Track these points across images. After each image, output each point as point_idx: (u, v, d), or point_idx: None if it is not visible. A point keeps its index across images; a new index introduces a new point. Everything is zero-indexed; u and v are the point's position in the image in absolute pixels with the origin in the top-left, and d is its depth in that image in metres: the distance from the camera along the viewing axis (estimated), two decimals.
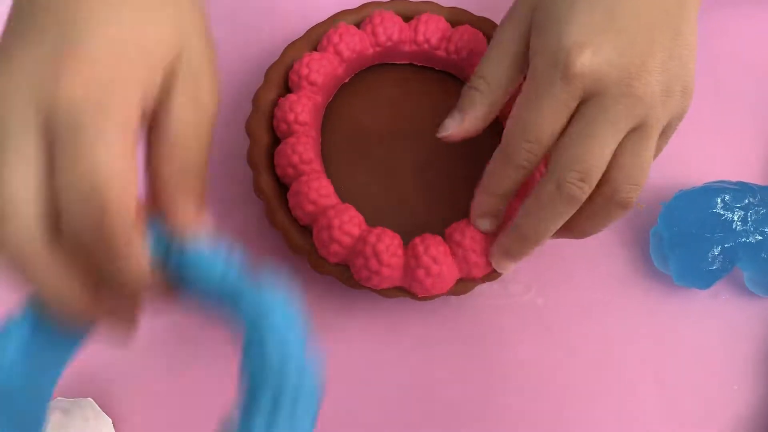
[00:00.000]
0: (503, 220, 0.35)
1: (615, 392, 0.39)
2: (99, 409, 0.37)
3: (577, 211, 0.31)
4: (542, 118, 0.29)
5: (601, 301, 0.40)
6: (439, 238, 0.35)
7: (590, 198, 0.30)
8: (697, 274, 0.38)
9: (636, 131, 0.30)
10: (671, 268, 0.39)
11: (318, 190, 0.35)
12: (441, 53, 0.40)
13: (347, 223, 0.34)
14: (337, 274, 0.36)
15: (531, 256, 0.40)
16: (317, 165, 0.37)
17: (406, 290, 0.36)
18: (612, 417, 0.38)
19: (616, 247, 0.41)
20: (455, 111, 0.34)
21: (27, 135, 0.21)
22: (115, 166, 0.21)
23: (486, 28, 0.40)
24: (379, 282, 0.35)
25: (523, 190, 0.34)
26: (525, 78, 0.32)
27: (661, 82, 0.29)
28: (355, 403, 0.38)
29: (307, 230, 0.37)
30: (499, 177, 0.32)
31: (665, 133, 0.31)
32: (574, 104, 0.29)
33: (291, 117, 0.37)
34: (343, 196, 0.37)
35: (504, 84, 0.33)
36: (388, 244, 0.34)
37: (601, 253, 0.41)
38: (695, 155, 0.42)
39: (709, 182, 0.40)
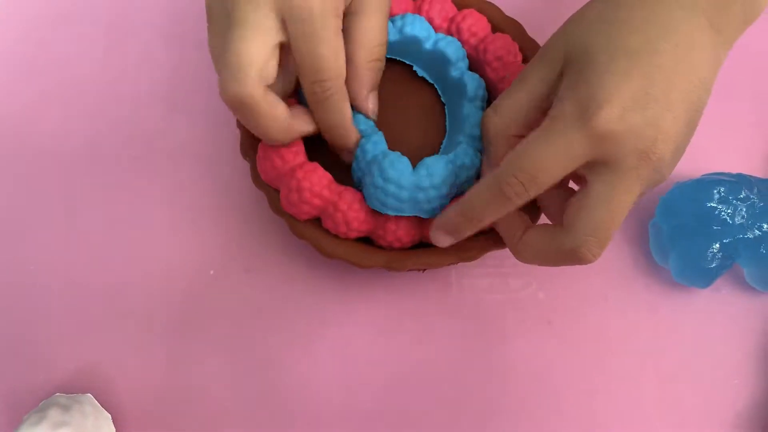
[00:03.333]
0: None
1: (615, 386, 0.39)
2: (98, 404, 0.37)
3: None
4: (547, 158, 0.29)
5: (602, 296, 0.40)
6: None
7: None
8: (696, 272, 0.38)
9: None
10: (671, 266, 0.39)
11: (286, 146, 0.35)
12: (443, 33, 0.40)
13: (317, 185, 0.34)
14: (313, 241, 0.36)
15: None
16: None
17: (381, 260, 0.36)
18: (612, 411, 0.38)
19: (616, 242, 0.41)
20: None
21: (266, 17, 0.30)
22: (334, 50, 0.31)
23: (491, 13, 0.40)
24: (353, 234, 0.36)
25: None
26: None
27: (673, 154, 0.29)
28: (355, 396, 0.38)
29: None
30: (479, 200, 0.32)
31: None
32: (582, 160, 0.29)
33: None
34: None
35: (515, 119, 0.32)
36: (357, 209, 0.34)
37: None
38: (694, 147, 0.42)
39: (706, 174, 0.39)
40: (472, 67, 0.40)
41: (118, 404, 0.38)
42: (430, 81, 0.40)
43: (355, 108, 0.36)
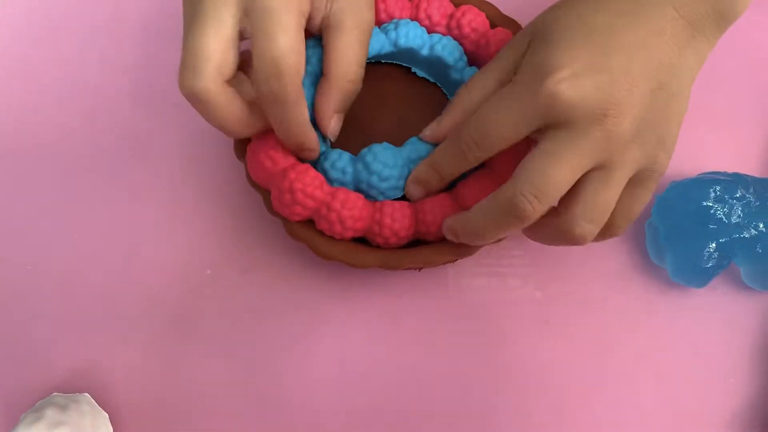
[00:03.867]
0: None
1: (612, 385, 0.39)
2: (96, 404, 0.37)
3: (534, 232, 0.32)
4: (498, 119, 0.30)
5: (599, 294, 0.40)
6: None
7: (545, 223, 0.31)
8: (693, 272, 0.38)
9: (599, 170, 0.30)
10: (668, 266, 0.39)
11: (275, 147, 0.35)
12: (442, 30, 0.40)
13: (309, 186, 0.34)
14: (308, 242, 0.36)
15: (529, 250, 0.40)
16: None
17: (378, 260, 0.36)
18: (610, 409, 0.38)
19: (613, 241, 0.41)
20: (439, 116, 0.36)
21: (228, 10, 0.30)
22: (293, 44, 0.30)
23: (488, 9, 0.40)
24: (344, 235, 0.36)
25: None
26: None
27: (633, 127, 0.29)
28: (353, 396, 0.38)
29: None
30: (443, 155, 0.34)
31: (642, 183, 0.31)
32: (535, 123, 0.30)
33: None
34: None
35: (484, 96, 0.33)
36: (351, 207, 0.34)
37: (599, 246, 0.40)
38: (691, 146, 0.42)
39: (702, 173, 0.39)
40: (472, 63, 0.40)
41: (116, 403, 0.38)
42: (434, 82, 0.40)
43: (317, 126, 0.35)
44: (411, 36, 0.38)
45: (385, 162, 0.35)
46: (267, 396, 0.38)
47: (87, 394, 0.37)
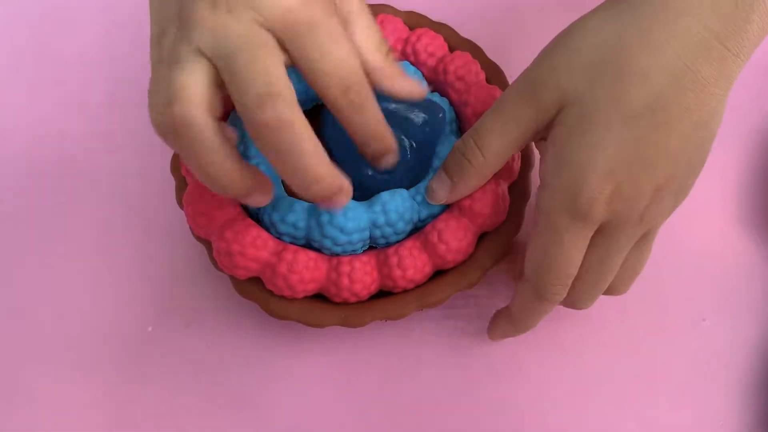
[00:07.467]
0: None
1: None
2: None
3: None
4: (566, 255, 0.30)
5: (573, 334, 0.38)
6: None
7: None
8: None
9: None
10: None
11: (209, 200, 0.32)
12: (397, 56, 0.37)
13: (249, 247, 0.31)
14: (260, 302, 0.33)
15: (496, 290, 0.38)
16: None
17: (337, 317, 0.33)
18: None
19: None
20: (444, 175, 0.33)
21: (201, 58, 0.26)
22: (349, 45, 0.27)
23: (444, 32, 0.38)
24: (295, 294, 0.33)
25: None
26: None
27: (667, 206, 0.30)
28: None
29: None
30: (530, 312, 0.33)
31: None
32: (591, 233, 0.30)
33: None
34: None
35: (501, 161, 0.32)
36: (300, 270, 0.31)
37: None
38: None
39: None
40: (432, 90, 0.38)
41: None
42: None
43: (400, 95, 0.31)
44: None
45: (351, 216, 0.32)
46: None
47: None
